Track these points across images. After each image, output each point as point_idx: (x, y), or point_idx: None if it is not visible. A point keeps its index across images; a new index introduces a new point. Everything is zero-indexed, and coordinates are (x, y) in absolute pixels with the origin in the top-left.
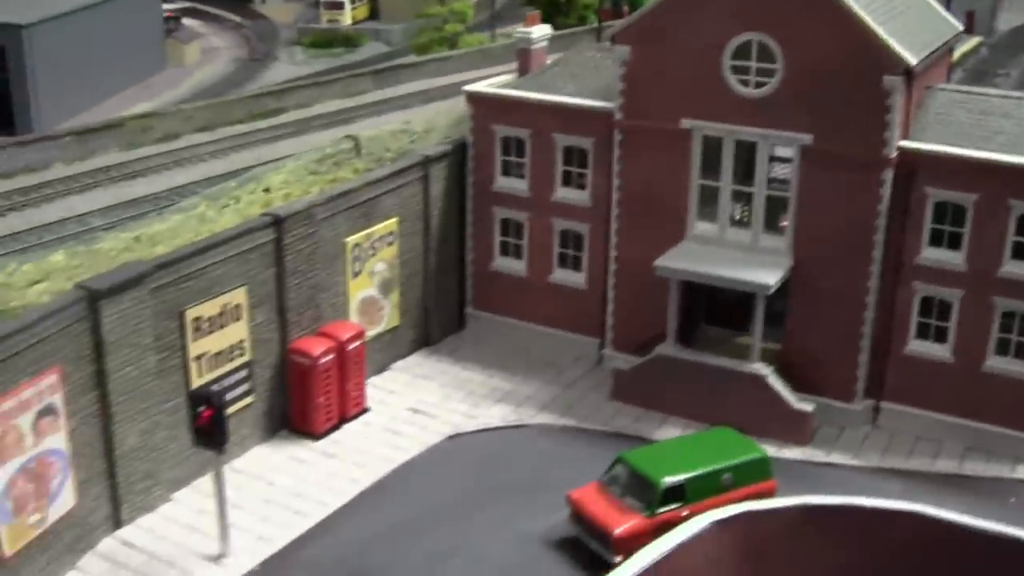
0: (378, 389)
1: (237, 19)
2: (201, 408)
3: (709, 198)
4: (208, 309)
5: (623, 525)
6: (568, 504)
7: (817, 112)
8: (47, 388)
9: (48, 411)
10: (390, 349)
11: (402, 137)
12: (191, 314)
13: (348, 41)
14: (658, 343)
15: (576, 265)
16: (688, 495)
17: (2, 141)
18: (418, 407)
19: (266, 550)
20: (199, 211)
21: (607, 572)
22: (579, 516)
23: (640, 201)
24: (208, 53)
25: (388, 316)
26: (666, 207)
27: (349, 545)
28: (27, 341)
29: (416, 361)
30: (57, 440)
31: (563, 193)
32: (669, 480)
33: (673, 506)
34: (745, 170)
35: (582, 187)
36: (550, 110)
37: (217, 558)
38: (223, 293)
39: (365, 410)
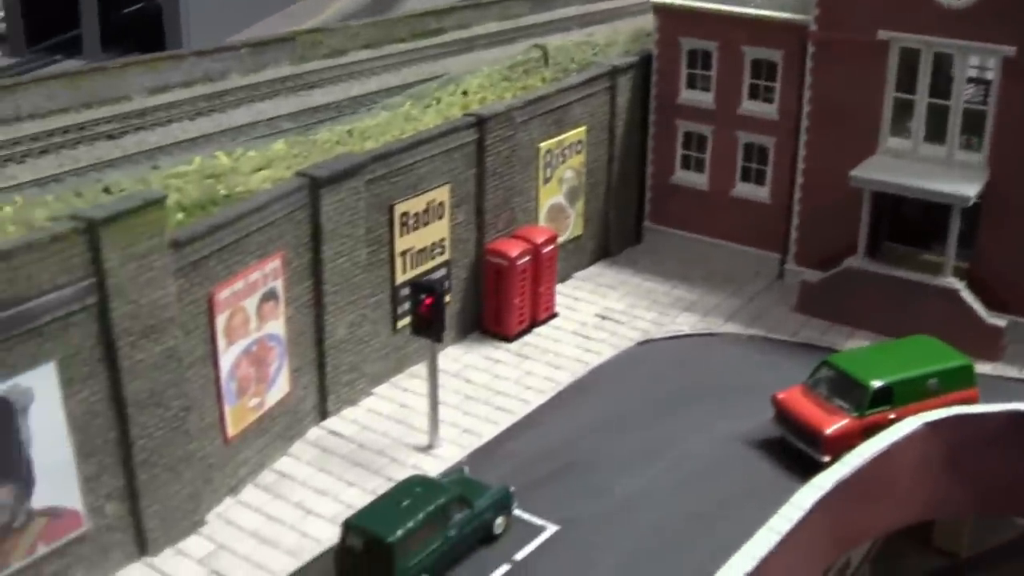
0: (564, 296)
1: None
2: (422, 296)
3: (902, 112)
4: (414, 205)
5: (834, 425)
6: (773, 405)
7: (1021, 23)
8: (271, 272)
9: (271, 295)
10: (573, 258)
11: (586, 49)
12: (399, 209)
13: None
14: (844, 257)
15: (759, 179)
16: (896, 398)
17: (183, 51)
18: (606, 314)
19: (472, 442)
20: (404, 109)
21: (817, 471)
22: (785, 417)
23: (831, 114)
24: None
25: (573, 225)
26: (858, 120)
27: (553, 440)
28: (257, 224)
29: (597, 271)
30: (276, 326)
31: (749, 106)
32: (878, 383)
33: (881, 408)
34: (937, 85)
35: (769, 100)
36: (741, 22)
37: (426, 448)
38: (429, 190)
39: (554, 315)
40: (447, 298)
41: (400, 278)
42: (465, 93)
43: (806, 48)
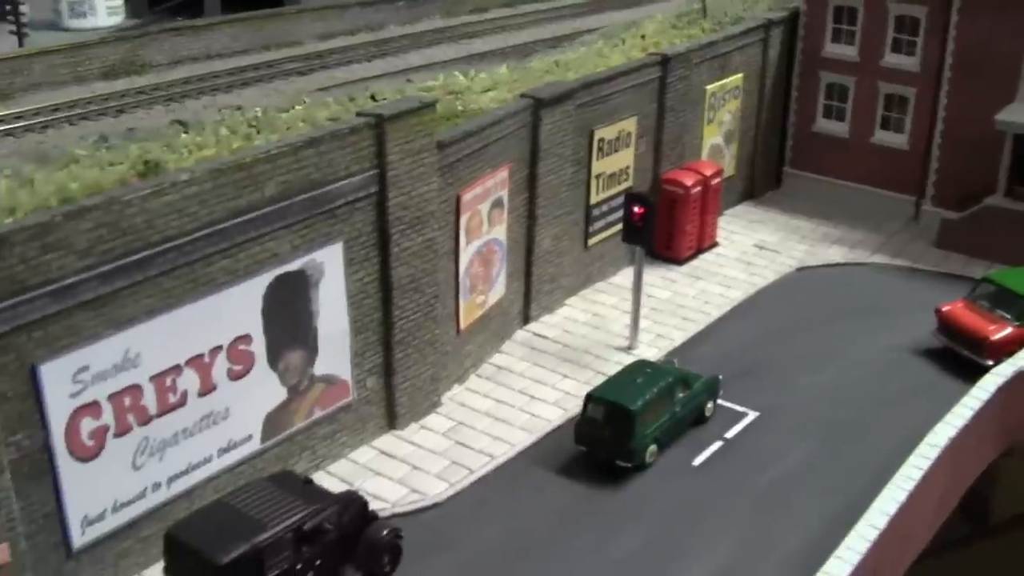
0: (720, 229)
1: None
2: (635, 206)
3: None
4: (609, 132)
5: (999, 332)
6: (936, 316)
7: None
8: (500, 182)
9: (498, 203)
10: (726, 195)
11: (737, 4)
12: (598, 134)
13: None
14: (979, 198)
15: (898, 127)
16: None
17: (348, 1)
18: (762, 245)
19: (666, 345)
20: (597, 47)
21: (978, 375)
22: (949, 326)
23: (973, 65)
24: None
25: (727, 165)
26: (998, 70)
27: (738, 344)
28: (495, 136)
29: (744, 210)
30: (500, 232)
31: (891, 59)
32: None
33: None
34: None
35: (911, 53)
36: None
37: (626, 349)
38: (620, 120)
39: (715, 244)
40: None
41: (594, 199)
42: (643, 36)
43: (950, 3)
